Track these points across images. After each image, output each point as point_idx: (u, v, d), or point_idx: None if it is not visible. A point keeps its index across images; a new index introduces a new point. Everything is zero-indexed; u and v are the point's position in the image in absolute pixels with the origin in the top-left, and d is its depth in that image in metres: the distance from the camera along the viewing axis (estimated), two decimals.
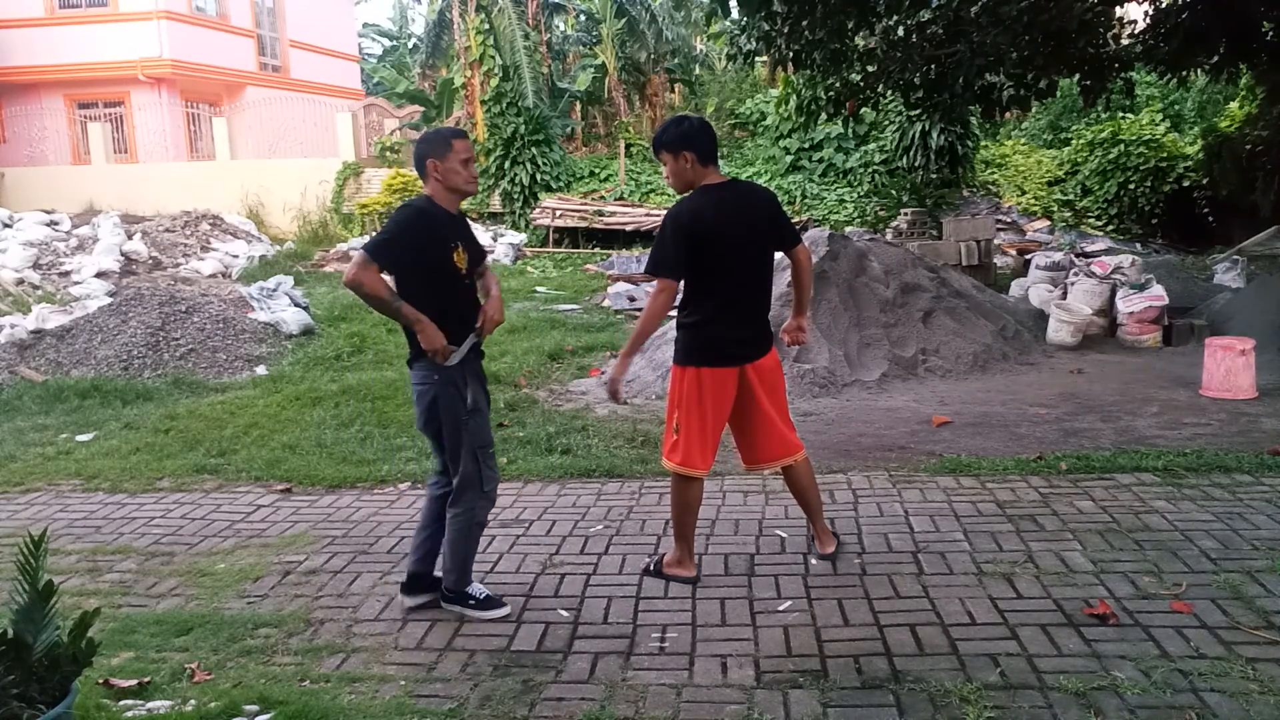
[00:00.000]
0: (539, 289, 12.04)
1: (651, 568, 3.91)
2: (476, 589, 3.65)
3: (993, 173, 16.96)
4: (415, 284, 3.37)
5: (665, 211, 3.77)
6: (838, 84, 9.11)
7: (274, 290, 9.90)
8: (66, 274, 12.86)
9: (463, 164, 3.40)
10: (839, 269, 7.71)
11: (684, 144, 3.58)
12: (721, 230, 3.54)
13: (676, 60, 22.65)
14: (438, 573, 3.68)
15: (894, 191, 15.31)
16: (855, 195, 15.92)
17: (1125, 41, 8.57)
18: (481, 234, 15.31)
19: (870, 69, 8.85)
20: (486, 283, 3.62)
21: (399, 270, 3.39)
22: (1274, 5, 7.62)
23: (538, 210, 16.43)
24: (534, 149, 16.92)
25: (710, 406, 3.64)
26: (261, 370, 8.18)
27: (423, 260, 3.35)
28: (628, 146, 18.21)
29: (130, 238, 13.93)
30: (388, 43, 31.66)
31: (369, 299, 3.32)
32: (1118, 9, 8.36)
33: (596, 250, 15.44)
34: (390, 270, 3.37)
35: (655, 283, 3.60)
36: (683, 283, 3.62)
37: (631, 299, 11.04)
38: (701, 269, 3.56)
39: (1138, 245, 13.91)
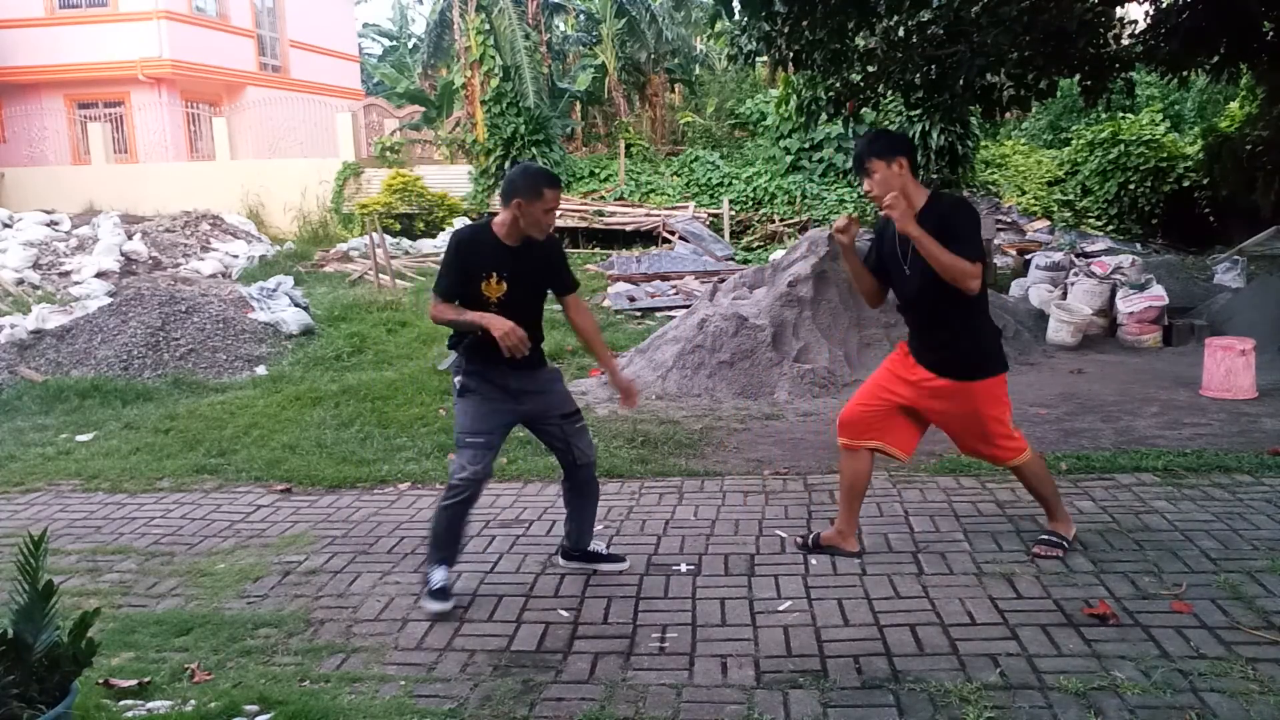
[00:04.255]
0: None
1: (810, 543, 4.07)
2: (436, 576, 3.62)
3: (993, 173, 16.97)
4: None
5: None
6: (838, 84, 9.09)
7: (274, 290, 9.91)
8: (66, 274, 12.87)
9: (545, 213, 3.50)
10: (839, 269, 7.71)
11: (898, 149, 3.57)
12: (883, 230, 3.76)
13: (676, 60, 22.64)
14: (596, 544, 4.02)
15: None
16: (855, 195, 15.91)
17: (1125, 41, 8.55)
18: None
19: (870, 69, 8.83)
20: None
21: None
22: (1274, 5, 7.60)
23: None
24: (534, 149, 16.92)
25: None
26: (261, 370, 8.19)
27: (465, 283, 3.53)
28: (628, 147, 18.20)
29: (130, 238, 13.93)
30: (388, 43, 31.67)
31: (448, 325, 3.58)
32: (1118, 9, 8.34)
33: (596, 250, 15.43)
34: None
35: None
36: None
37: (631, 299, 11.03)
38: None
39: (1138, 245, 13.92)
